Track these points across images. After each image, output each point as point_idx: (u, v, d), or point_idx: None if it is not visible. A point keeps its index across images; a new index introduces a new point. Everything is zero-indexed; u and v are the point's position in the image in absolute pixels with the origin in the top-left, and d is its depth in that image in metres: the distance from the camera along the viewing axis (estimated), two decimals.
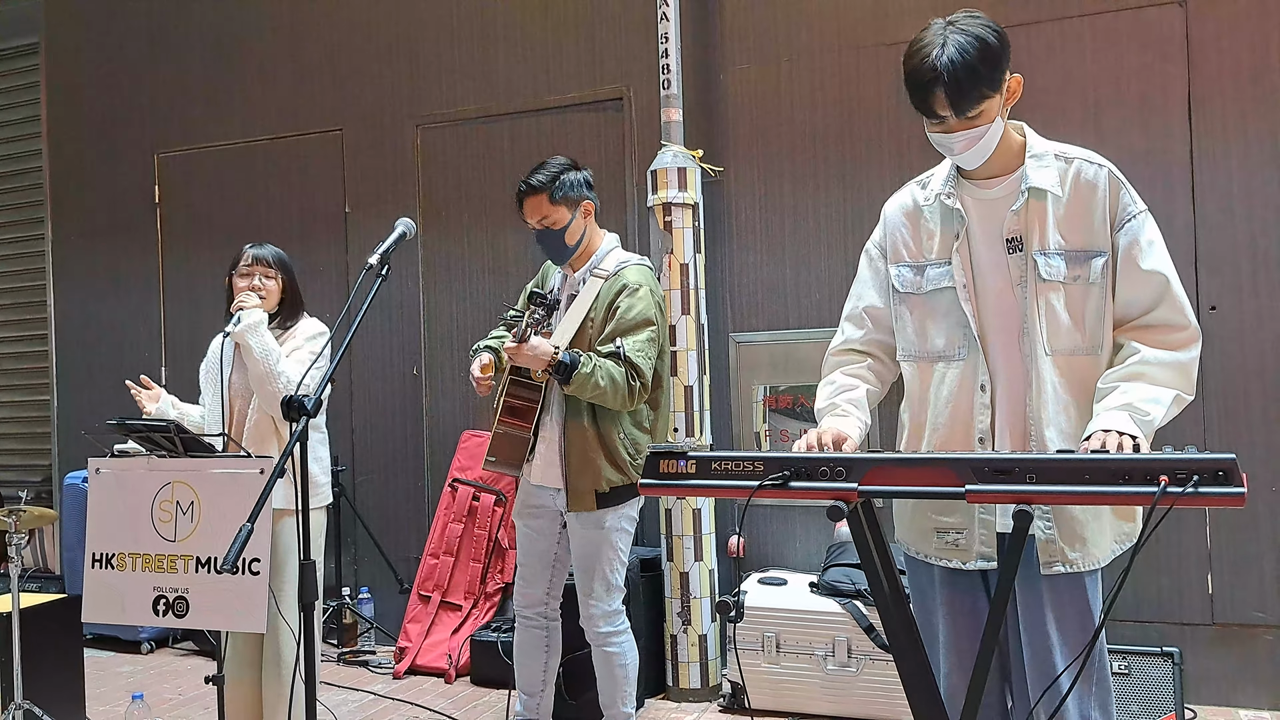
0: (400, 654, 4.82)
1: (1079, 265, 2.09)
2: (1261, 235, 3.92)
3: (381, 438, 5.38)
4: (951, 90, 2.00)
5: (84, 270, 6.14)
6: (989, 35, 2.02)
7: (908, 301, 2.26)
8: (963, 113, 2.03)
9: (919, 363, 2.25)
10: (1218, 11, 3.97)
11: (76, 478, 5.48)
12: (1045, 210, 2.11)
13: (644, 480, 2.02)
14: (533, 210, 3.25)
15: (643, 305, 3.20)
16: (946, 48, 1.99)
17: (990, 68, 2.01)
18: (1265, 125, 3.92)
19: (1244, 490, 1.65)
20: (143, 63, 5.99)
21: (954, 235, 2.18)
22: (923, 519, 2.24)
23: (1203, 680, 3.94)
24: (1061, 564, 2.08)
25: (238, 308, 3.26)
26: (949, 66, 1.98)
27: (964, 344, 2.16)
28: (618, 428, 3.21)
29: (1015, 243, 2.13)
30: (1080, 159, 2.14)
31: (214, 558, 2.74)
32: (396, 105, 5.38)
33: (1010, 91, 2.09)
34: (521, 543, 3.44)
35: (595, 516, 3.22)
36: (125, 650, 5.29)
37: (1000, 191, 2.16)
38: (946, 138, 2.08)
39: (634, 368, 3.12)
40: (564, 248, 3.29)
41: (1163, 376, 2.03)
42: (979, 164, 2.13)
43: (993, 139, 2.09)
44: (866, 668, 3.85)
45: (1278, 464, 3.88)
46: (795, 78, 4.58)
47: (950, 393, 2.18)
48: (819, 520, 4.44)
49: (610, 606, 3.30)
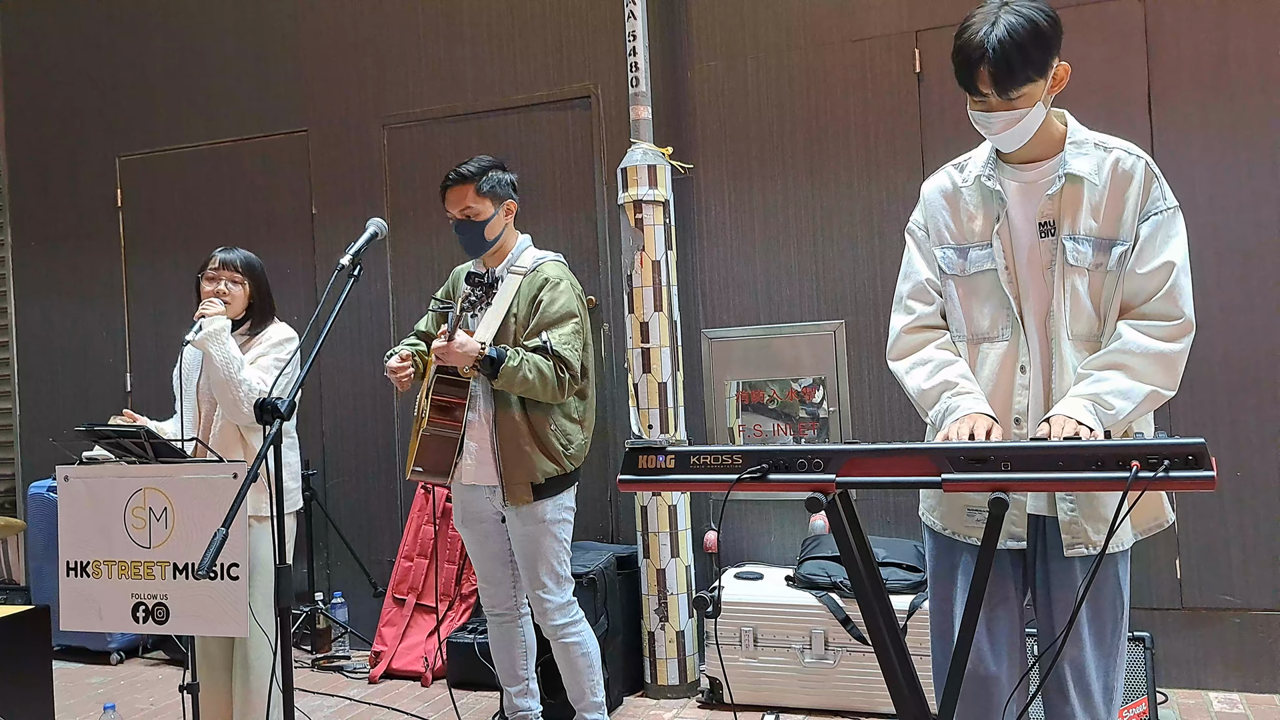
0: (376, 658, 4.79)
1: (1103, 253, 2.11)
2: (1223, 225, 3.98)
3: (352, 440, 5.35)
4: (998, 68, 2.01)
5: (45, 276, 6.05)
6: (1041, 19, 2.02)
7: (953, 282, 2.27)
8: (1005, 93, 2.04)
9: (965, 343, 2.26)
10: (1176, 5, 4.03)
11: (41, 486, 5.40)
12: (1080, 196, 2.12)
13: (623, 476, 2.03)
14: (457, 199, 3.30)
15: (565, 299, 3.25)
16: (997, 26, 2.01)
17: (1040, 50, 2.02)
18: (1225, 117, 3.98)
19: (1213, 474, 1.68)
20: (103, 64, 5.91)
21: (994, 217, 2.20)
22: (955, 497, 2.25)
23: (1173, 663, 4.00)
24: (1085, 545, 2.11)
25: (199, 315, 3.24)
26: (996, 45, 1.99)
27: (1007, 325, 2.18)
28: (549, 419, 3.25)
29: (1048, 226, 2.15)
30: (1119, 149, 2.16)
31: (190, 563, 2.72)
32: (363, 105, 5.35)
33: (1057, 79, 2.10)
34: (473, 549, 3.45)
35: (533, 510, 3.25)
36: (94, 661, 5.22)
37: (1038, 176, 2.18)
38: (986, 116, 2.09)
39: (562, 360, 3.17)
40: (482, 241, 3.33)
41: (1143, 368, 2.04)
42: (1015, 147, 2.15)
43: (1032, 123, 2.10)
44: (844, 660, 3.87)
45: (1242, 450, 3.94)
46: (762, 74, 4.60)
47: (992, 372, 2.20)
48: (794, 514, 4.46)
49: (562, 598, 3.33)
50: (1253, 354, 3.94)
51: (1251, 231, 3.94)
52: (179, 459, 2.94)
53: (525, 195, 4.86)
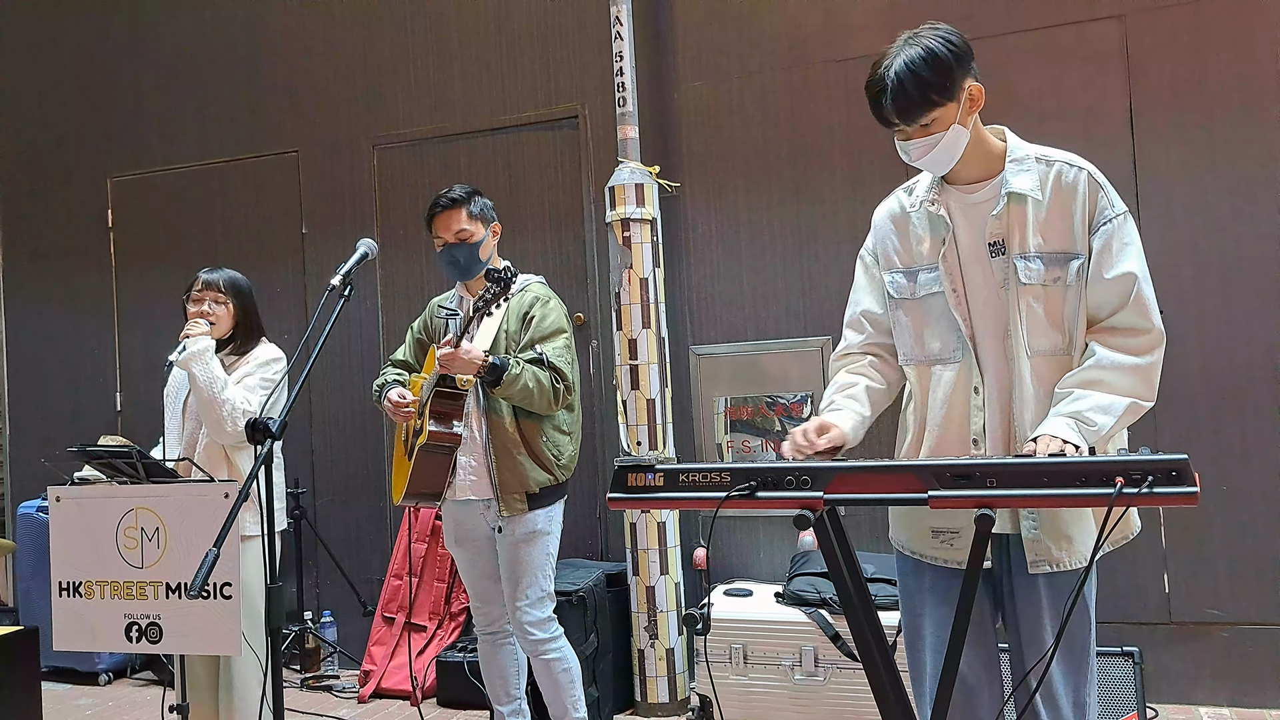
0: (365, 677, 4.78)
1: (1058, 267, 2.12)
2: (1203, 241, 4.02)
3: (342, 459, 5.35)
4: (897, 100, 2.06)
5: (36, 295, 6.05)
6: (939, 46, 2.07)
7: (903, 307, 2.29)
8: (912, 121, 2.08)
9: (918, 366, 2.28)
10: (1155, 26, 4.09)
11: (30, 506, 5.38)
12: (1025, 214, 2.14)
13: (612, 494, 2.04)
14: (449, 223, 3.34)
15: (555, 315, 3.34)
16: (897, 59, 2.07)
17: (940, 76, 2.05)
18: (1203, 135, 4.03)
19: (1197, 489, 1.70)
20: (95, 85, 5.93)
21: (940, 240, 2.22)
22: (919, 519, 2.26)
23: (1162, 678, 4.02)
24: (1048, 563, 2.11)
25: (184, 335, 3.26)
26: (894, 78, 2.05)
27: (958, 347, 2.20)
28: (540, 430, 3.30)
29: (998, 246, 2.16)
30: (1061, 161, 2.17)
31: (183, 583, 2.73)
32: (353, 126, 5.37)
33: (972, 100, 2.13)
34: (465, 569, 3.46)
35: (527, 520, 3.27)
36: (82, 682, 5.20)
37: (983, 196, 2.20)
38: (904, 145, 2.15)
39: (557, 371, 3.23)
40: (477, 262, 3.38)
41: (1120, 383, 2.06)
42: (944, 170, 2.18)
43: (953, 146, 2.13)
44: (834, 676, 3.88)
45: (1226, 464, 3.98)
46: (748, 94, 4.64)
47: (945, 394, 2.21)
48: (783, 530, 4.48)
49: (544, 614, 3.35)
50: (1233, 368, 3.98)
51: (1230, 246, 3.99)
52: (170, 479, 2.94)
53: (514, 214, 4.92)
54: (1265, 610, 3.93)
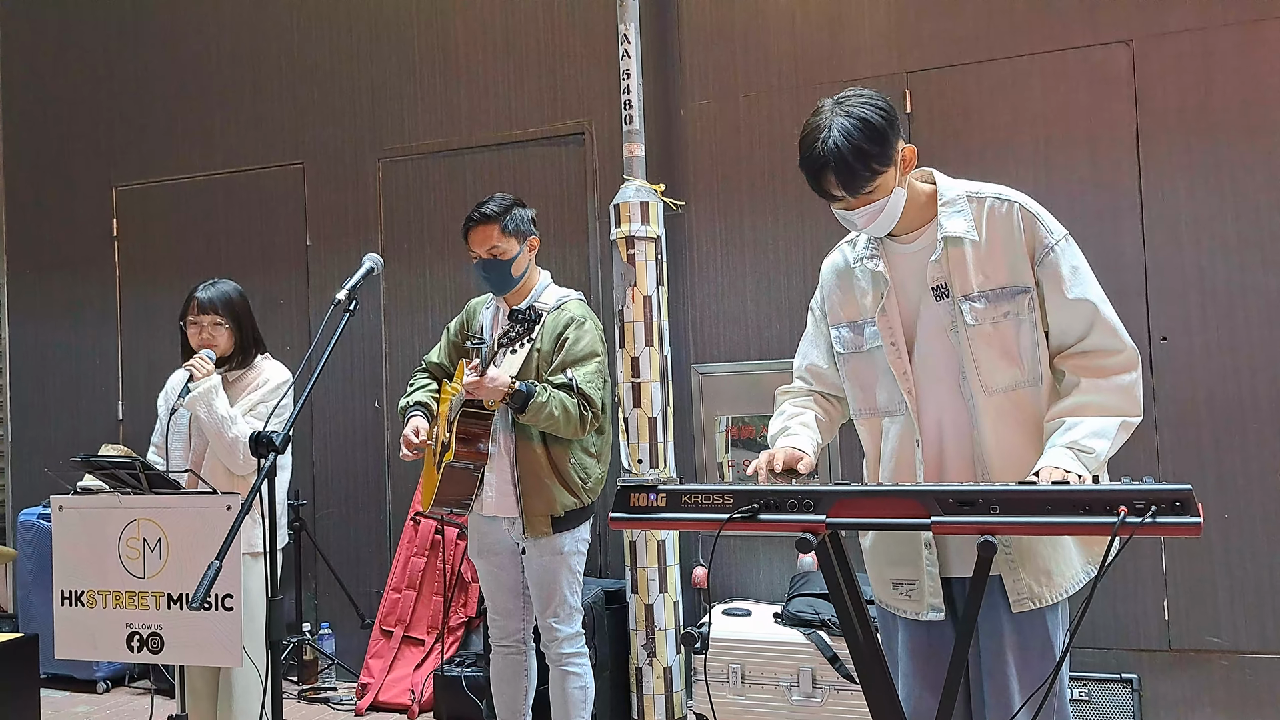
0: (362, 690, 4.77)
1: (1005, 302, 2.13)
2: (1209, 267, 4.03)
3: (343, 471, 5.35)
4: (840, 174, 2.04)
5: (40, 304, 6.06)
6: (872, 114, 2.05)
7: (850, 362, 2.31)
8: (856, 192, 2.07)
9: (868, 419, 2.30)
10: (1162, 51, 4.10)
11: (31, 514, 5.38)
12: (964, 256, 2.15)
13: (615, 514, 2.04)
14: (483, 239, 3.31)
15: (589, 338, 3.29)
16: (832, 131, 2.04)
17: (878, 145, 2.04)
18: (1210, 160, 4.04)
19: (1200, 520, 1.70)
20: (100, 95, 5.95)
21: (880, 295, 2.23)
22: (879, 570, 2.28)
23: (1161, 705, 4.00)
24: (1031, 600, 2.10)
25: (188, 377, 3.25)
26: (834, 151, 2.03)
27: (901, 400, 2.21)
28: (569, 453, 3.27)
29: (941, 290, 2.16)
30: (991, 196, 2.17)
31: (185, 594, 2.73)
32: (358, 139, 5.39)
33: (905, 161, 2.13)
34: (486, 581, 3.46)
35: (552, 542, 3.26)
36: (81, 690, 5.18)
37: (919, 244, 2.20)
38: (848, 215, 2.14)
39: (586, 398, 3.19)
40: (509, 279, 3.34)
41: (1106, 403, 2.06)
42: (886, 231, 2.18)
43: (895, 208, 2.13)
44: (831, 698, 3.87)
45: (1229, 491, 3.97)
46: (754, 113, 4.65)
47: (894, 448, 2.23)
48: (783, 551, 4.47)
49: (573, 628, 3.35)
50: (1237, 394, 3.98)
51: (1236, 274, 3.99)
52: (173, 490, 2.94)
53: None
54: (1266, 639, 3.91)
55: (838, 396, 2.42)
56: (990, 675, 2.14)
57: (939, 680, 2.17)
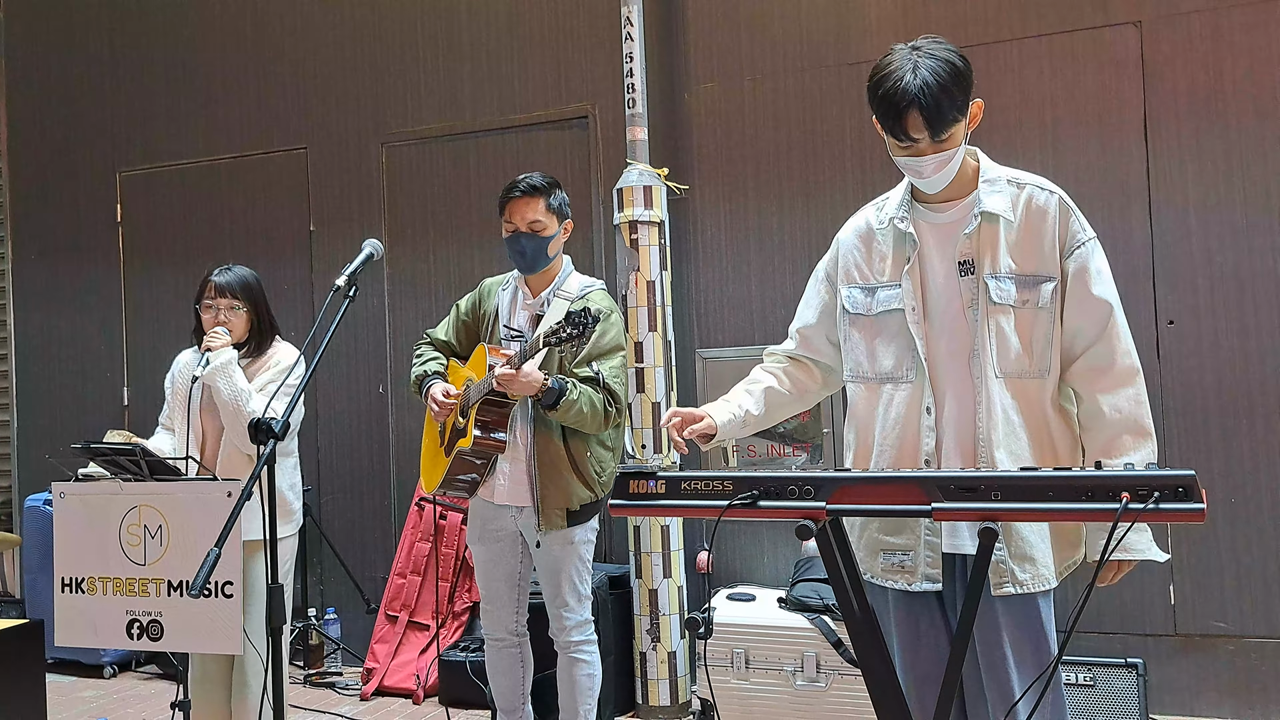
0: (368, 675, 4.79)
1: (1029, 290, 2.12)
2: (1218, 252, 3.99)
3: (347, 457, 5.35)
4: (930, 113, 2.02)
5: (44, 290, 6.06)
6: (956, 59, 2.06)
7: (857, 323, 2.29)
8: (937, 135, 2.05)
9: (867, 384, 2.27)
10: (1173, 33, 4.06)
11: (37, 500, 5.40)
12: (997, 234, 2.14)
13: (614, 501, 2.03)
14: (526, 210, 3.22)
15: (615, 332, 3.24)
16: (919, 71, 2.02)
17: (962, 91, 2.05)
18: (1219, 144, 4.00)
19: (1203, 506, 1.68)
20: (104, 80, 5.94)
21: (905, 258, 2.21)
22: (870, 538, 2.26)
23: (1166, 690, 4.00)
24: (1011, 585, 2.09)
25: (206, 349, 3.22)
26: (923, 90, 2.01)
27: (912, 366, 2.19)
28: (588, 447, 3.24)
29: (967, 265, 2.16)
30: (1032, 185, 2.17)
31: (185, 581, 2.73)
32: (361, 123, 5.37)
33: (972, 116, 2.12)
34: (483, 568, 3.39)
35: (564, 534, 3.23)
36: (87, 674, 5.21)
37: (954, 215, 2.19)
38: (917, 161, 2.10)
39: (612, 394, 3.15)
40: (544, 257, 3.28)
41: (1133, 427, 2.09)
42: (942, 187, 2.16)
43: (958, 163, 2.12)
44: (835, 683, 3.87)
45: (1236, 477, 3.95)
46: (759, 96, 4.62)
47: (898, 415, 2.20)
48: (787, 535, 4.46)
49: (583, 616, 3.33)
50: (1245, 381, 3.95)
51: (1245, 259, 3.96)
52: (174, 477, 2.94)
53: None
54: (1272, 624, 3.90)
55: (820, 363, 2.42)
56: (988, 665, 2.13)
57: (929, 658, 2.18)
